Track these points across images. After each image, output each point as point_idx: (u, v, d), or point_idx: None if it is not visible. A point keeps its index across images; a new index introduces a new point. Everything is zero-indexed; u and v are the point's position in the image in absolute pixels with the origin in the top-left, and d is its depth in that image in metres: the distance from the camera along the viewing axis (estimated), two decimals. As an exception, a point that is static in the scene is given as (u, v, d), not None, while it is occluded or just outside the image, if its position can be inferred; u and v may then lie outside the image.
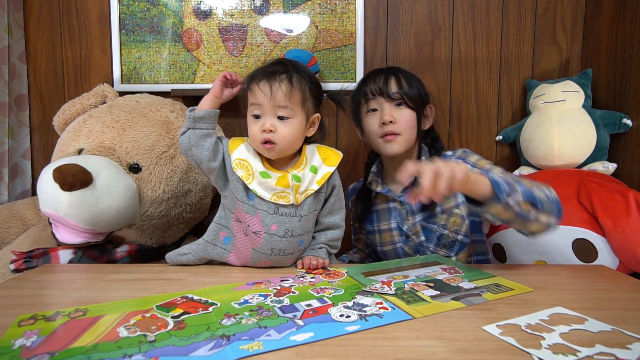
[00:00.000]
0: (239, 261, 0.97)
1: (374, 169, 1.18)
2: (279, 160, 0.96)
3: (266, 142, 0.91)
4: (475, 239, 1.11)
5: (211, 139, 0.94)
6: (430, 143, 1.12)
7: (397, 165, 1.09)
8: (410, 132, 1.07)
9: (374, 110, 1.09)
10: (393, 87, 1.07)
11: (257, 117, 0.92)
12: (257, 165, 0.93)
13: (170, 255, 0.99)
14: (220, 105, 0.98)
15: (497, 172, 0.96)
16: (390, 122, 1.05)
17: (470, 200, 0.83)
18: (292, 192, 0.91)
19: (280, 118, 0.91)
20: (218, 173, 0.96)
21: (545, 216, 0.85)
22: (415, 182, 0.78)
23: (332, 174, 0.97)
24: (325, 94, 1.01)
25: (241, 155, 0.94)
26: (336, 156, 0.98)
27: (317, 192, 0.95)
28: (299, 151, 0.98)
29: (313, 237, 1.01)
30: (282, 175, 0.92)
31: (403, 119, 1.06)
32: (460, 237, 1.07)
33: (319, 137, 1.02)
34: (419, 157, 1.11)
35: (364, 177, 1.21)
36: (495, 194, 0.78)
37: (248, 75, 0.96)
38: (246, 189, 0.93)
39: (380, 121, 1.07)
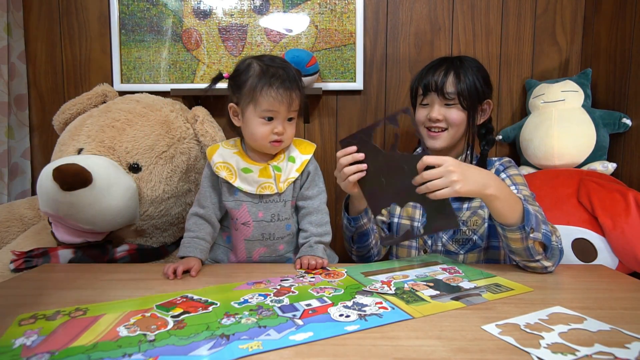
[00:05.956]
0: (237, 257, 1.03)
1: (419, 150, 1.15)
2: (261, 154, 1.02)
3: (275, 141, 0.97)
4: (490, 244, 1.09)
5: (216, 233, 1.03)
6: (484, 134, 1.13)
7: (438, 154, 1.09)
8: (457, 129, 1.06)
9: (426, 104, 1.09)
10: (449, 85, 1.04)
11: (269, 119, 0.96)
12: (238, 163, 1.00)
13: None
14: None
15: (528, 197, 0.99)
16: (438, 119, 1.05)
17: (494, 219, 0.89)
18: (275, 182, 0.99)
19: (289, 119, 0.99)
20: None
21: (548, 262, 0.90)
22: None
23: (309, 161, 1.03)
24: None
25: (220, 159, 1.01)
26: (311, 146, 1.06)
27: (295, 179, 1.02)
28: None
29: (301, 229, 1.03)
30: (263, 168, 0.99)
31: (452, 117, 1.05)
32: (475, 237, 1.07)
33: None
34: (465, 151, 1.11)
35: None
36: (522, 223, 0.85)
37: (256, 74, 0.94)
38: (230, 187, 1.00)
39: (428, 116, 1.07)
